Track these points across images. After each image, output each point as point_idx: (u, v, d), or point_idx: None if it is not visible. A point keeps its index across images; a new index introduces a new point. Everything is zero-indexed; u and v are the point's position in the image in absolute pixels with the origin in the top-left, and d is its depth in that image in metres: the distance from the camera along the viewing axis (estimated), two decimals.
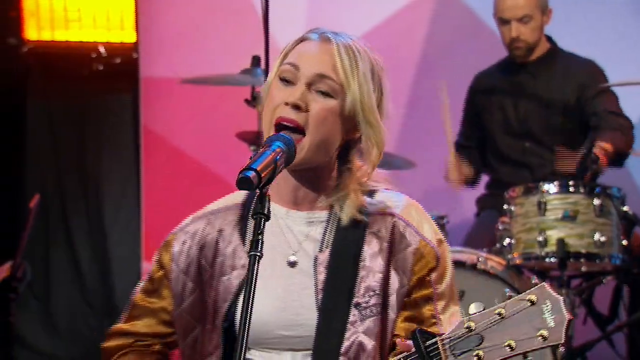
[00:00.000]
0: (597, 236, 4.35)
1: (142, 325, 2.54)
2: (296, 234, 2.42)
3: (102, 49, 6.44)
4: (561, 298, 2.07)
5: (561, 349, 4.30)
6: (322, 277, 2.37)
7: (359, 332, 2.34)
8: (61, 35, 6.47)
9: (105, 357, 2.57)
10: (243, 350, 2.06)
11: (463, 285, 4.32)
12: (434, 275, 2.40)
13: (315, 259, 2.39)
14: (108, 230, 6.42)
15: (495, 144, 5.22)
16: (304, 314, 2.36)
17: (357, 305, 2.35)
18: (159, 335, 2.54)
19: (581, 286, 4.68)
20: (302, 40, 2.45)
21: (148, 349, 2.54)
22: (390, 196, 2.47)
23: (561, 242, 4.33)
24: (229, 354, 2.40)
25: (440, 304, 2.40)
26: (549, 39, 5.22)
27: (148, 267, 6.53)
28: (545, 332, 2.05)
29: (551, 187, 4.42)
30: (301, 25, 6.33)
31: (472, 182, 5.28)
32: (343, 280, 2.36)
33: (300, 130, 2.34)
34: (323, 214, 2.43)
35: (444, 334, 2.13)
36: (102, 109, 6.51)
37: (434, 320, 2.39)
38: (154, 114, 6.30)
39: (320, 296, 2.36)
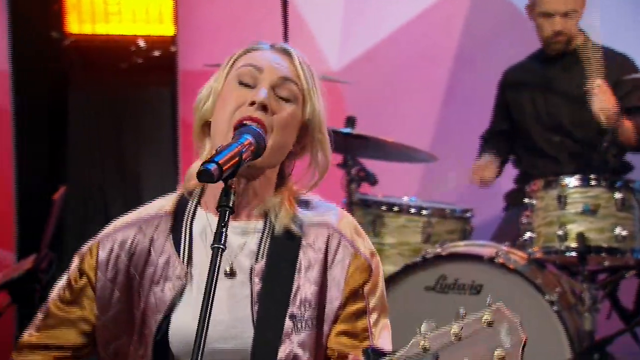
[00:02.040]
0: (618, 230, 4.31)
1: (59, 335, 2.44)
2: (232, 245, 2.36)
3: (141, 42, 6.51)
4: (518, 319, 2.04)
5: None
6: (257, 287, 2.34)
7: (294, 344, 2.32)
8: (101, 28, 6.54)
9: None
10: (201, 351, 2.06)
11: (480, 279, 4.33)
12: (366, 288, 2.39)
13: (251, 270, 2.36)
14: None
15: (526, 138, 5.19)
16: (239, 326, 2.33)
17: (292, 316, 2.33)
18: (77, 347, 2.44)
19: (605, 280, 4.64)
20: (251, 50, 2.43)
21: None
22: (324, 207, 2.45)
23: (581, 236, 4.31)
24: None
25: (372, 317, 2.39)
26: (582, 31, 5.18)
27: None
28: (502, 353, 2.02)
29: (571, 181, 4.39)
30: (339, 19, 6.35)
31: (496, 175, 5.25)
32: (278, 291, 2.34)
33: (265, 131, 2.32)
34: (259, 224, 2.40)
35: (391, 351, 2.10)
36: (141, 102, 6.58)
37: (366, 334, 2.37)
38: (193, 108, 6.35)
39: (255, 308, 2.33)
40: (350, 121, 4.70)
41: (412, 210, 4.73)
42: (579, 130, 5.06)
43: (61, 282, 2.47)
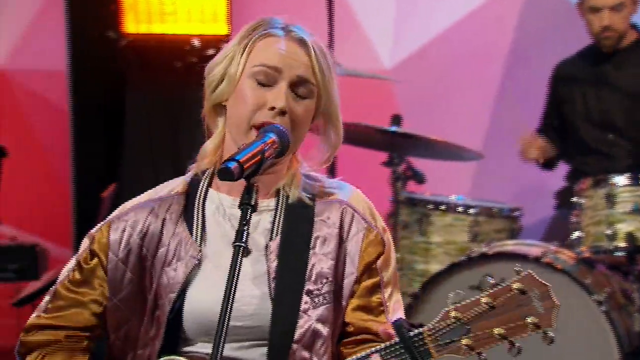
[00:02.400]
0: None
1: (70, 317, 2.44)
2: None
3: (195, 42, 6.56)
4: (550, 285, 2.11)
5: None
6: (273, 265, 2.36)
7: (313, 319, 2.35)
8: (157, 28, 6.61)
9: (25, 350, 2.46)
10: (222, 341, 2.11)
11: None
12: (379, 262, 2.42)
13: (267, 248, 2.38)
14: None
15: (577, 134, 5.14)
16: (257, 303, 2.35)
17: (309, 292, 2.36)
18: (87, 328, 2.44)
19: None
20: (267, 35, 2.45)
21: (77, 346, 2.44)
22: (333, 183, 2.51)
23: (630, 235, 4.25)
24: (170, 345, 2.38)
25: (386, 292, 2.42)
26: (636, 28, 5.11)
27: None
28: (535, 319, 2.10)
29: (621, 180, 4.34)
30: (391, 17, 6.34)
31: (551, 163, 5.19)
32: (294, 268, 2.36)
33: None
34: (271, 202, 2.44)
35: (421, 324, 2.19)
36: (196, 102, 6.60)
37: (382, 308, 2.40)
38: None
39: (272, 285, 2.34)
40: (396, 119, 4.71)
41: (459, 209, 4.72)
42: (633, 128, 4.99)
43: (69, 265, 2.48)
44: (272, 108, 2.37)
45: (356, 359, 2.28)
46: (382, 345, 2.23)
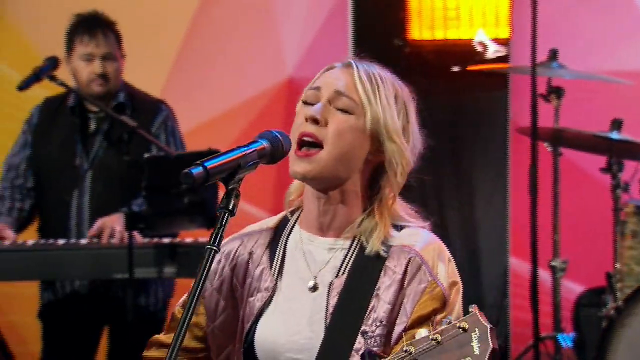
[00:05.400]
0: None
1: None
2: (317, 260, 2.51)
3: (477, 46, 6.54)
4: (489, 327, 2.08)
5: None
6: (333, 301, 2.44)
7: None
8: (440, 34, 6.66)
9: None
10: (177, 345, 2.19)
11: None
12: (437, 317, 2.40)
13: (331, 284, 2.46)
14: (478, 224, 6.52)
15: None
16: (314, 337, 2.44)
17: (364, 332, 2.39)
18: (190, 350, 2.60)
19: None
20: (327, 70, 2.53)
21: None
22: (415, 232, 2.48)
23: None
24: None
25: None
26: None
27: (514, 262, 6.54)
28: None
29: None
30: None
31: None
32: (353, 307, 2.41)
33: (318, 143, 2.42)
34: (347, 243, 2.48)
35: (385, 355, 2.23)
36: (475, 106, 6.61)
37: None
38: (523, 111, 6.29)
39: (328, 320, 2.43)
40: (616, 124, 4.48)
41: None
42: None
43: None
44: (307, 119, 2.45)
45: None
46: None
